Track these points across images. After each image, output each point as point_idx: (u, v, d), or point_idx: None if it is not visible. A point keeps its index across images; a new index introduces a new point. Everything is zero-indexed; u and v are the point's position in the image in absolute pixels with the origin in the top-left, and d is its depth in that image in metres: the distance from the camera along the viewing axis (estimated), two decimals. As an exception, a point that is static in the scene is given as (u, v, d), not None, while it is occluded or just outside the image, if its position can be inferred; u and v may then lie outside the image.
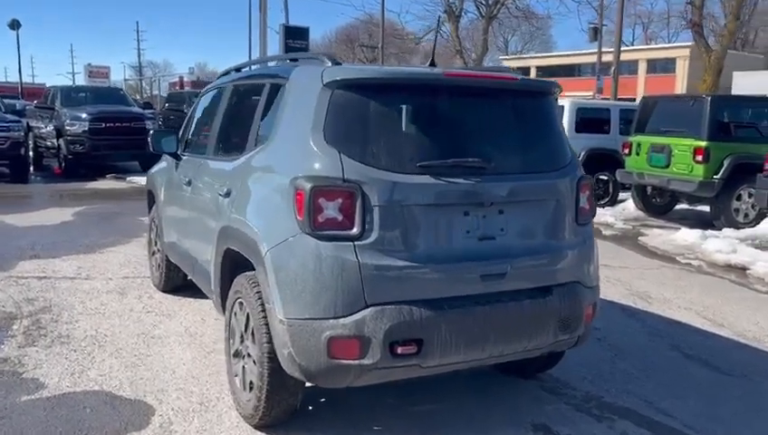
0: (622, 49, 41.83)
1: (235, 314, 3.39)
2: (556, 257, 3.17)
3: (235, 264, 3.43)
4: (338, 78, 2.91)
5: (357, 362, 2.77)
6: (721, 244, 7.77)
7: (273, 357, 2.97)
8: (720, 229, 9.02)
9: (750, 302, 5.94)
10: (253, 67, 4.25)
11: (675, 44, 44.03)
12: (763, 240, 8.52)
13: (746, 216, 9.36)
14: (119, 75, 64.91)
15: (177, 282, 5.38)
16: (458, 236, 2.94)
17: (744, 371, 4.21)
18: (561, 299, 3.14)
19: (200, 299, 5.23)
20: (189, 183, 4.25)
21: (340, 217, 2.78)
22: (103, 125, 13.60)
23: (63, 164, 13.98)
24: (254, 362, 3.17)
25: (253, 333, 3.14)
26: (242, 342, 3.34)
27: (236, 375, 3.40)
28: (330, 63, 3.09)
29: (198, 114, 4.83)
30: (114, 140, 13.62)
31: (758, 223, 9.22)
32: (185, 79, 48.59)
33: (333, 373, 2.81)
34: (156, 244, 5.51)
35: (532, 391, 3.80)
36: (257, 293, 3.08)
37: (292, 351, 2.82)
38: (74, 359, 4.06)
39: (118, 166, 14.80)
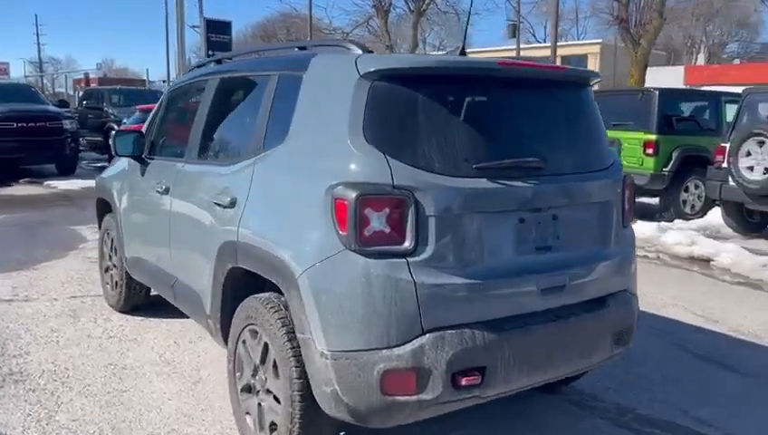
0: (536, 46, 43.04)
1: (245, 342, 2.92)
2: (609, 265, 2.89)
3: (241, 285, 2.96)
4: (378, 68, 2.50)
5: (415, 397, 2.38)
6: (680, 236, 7.84)
7: (306, 395, 2.54)
8: (669, 221, 9.17)
9: (729, 295, 5.95)
10: (244, 57, 3.74)
11: (586, 41, 45.66)
12: (712, 230, 8.71)
13: (693, 207, 9.58)
14: (18, 72, 60.53)
15: (137, 301, 4.79)
16: (516, 247, 2.61)
17: (756, 370, 4.11)
18: (617, 310, 2.87)
19: (167, 319, 4.67)
20: (167, 191, 3.70)
21: (390, 230, 2.39)
22: (15, 125, 12.38)
23: (-31, 169, 12.67)
24: (274, 399, 2.72)
25: (275, 367, 2.69)
26: (254, 375, 2.88)
27: (248, 413, 2.93)
28: (359, 51, 2.68)
29: (169, 112, 4.26)
30: (28, 142, 12.43)
31: (704, 214, 9.45)
32: (90, 76, 45.95)
33: (387, 412, 2.42)
34: (110, 258, 4.88)
35: (559, 406, 3.53)
36: (280, 320, 2.64)
37: (338, 388, 2.39)
38: (35, 401, 3.45)
39: (32, 169, 13.57)
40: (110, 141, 4.08)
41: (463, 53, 3.05)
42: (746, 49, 51.03)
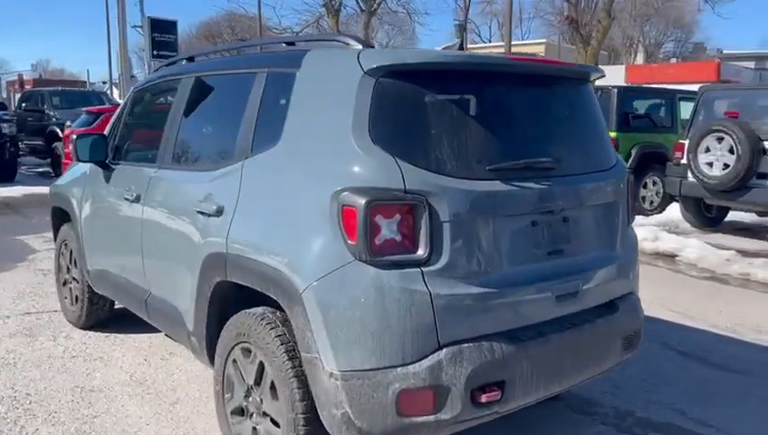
0: (483, 46, 43.47)
1: (235, 362, 2.70)
2: (617, 267, 2.81)
3: (229, 300, 2.75)
4: (383, 63, 2.32)
5: (433, 417, 2.22)
6: (644, 232, 7.92)
7: (311, 419, 2.34)
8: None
9: (699, 290, 6.02)
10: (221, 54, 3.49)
11: (532, 41, 46.42)
12: (672, 225, 8.86)
13: (652, 203, 9.74)
14: (-58, 73, 57.36)
15: (101, 316, 4.47)
16: (530, 252, 2.48)
17: (745, 367, 4.11)
18: (626, 314, 2.79)
19: (134, 334, 4.38)
20: (138, 199, 3.42)
21: (403, 238, 2.22)
22: (-53, 129, 11.66)
23: None
24: (272, 422, 2.52)
25: (273, 388, 2.48)
26: (247, 397, 2.67)
27: (241, 438, 2.71)
28: (359, 46, 2.50)
29: (136, 115, 3.97)
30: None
31: (663, 209, 9.63)
32: (25, 77, 44.01)
33: (403, 434, 2.24)
34: (69, 271, 4.54)
35: (561, 414, 3.42)
36: (279, 337, 2.44)
37: (349, 411, 2.21)
38: (-4, 433, 3.13)
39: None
40: (72, 146, 3.75)
41: (462, 49, 2.89)
42: (681, 48, 52.92)
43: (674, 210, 9.21)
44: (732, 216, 9.07)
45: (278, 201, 2.50)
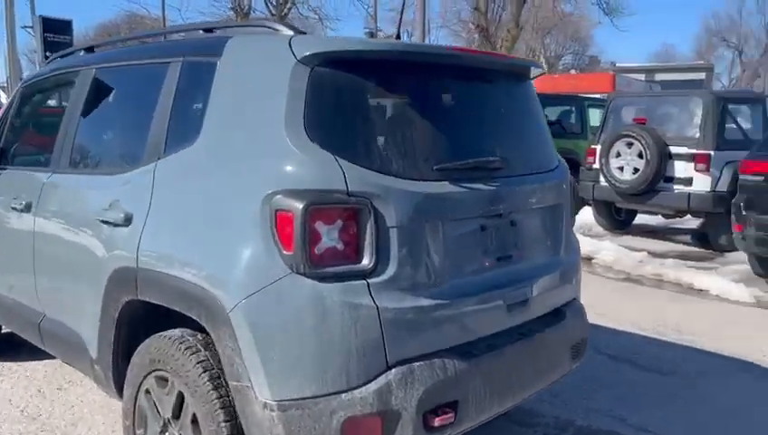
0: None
1: (148, 392, 2.36)
2: (563, 272, 2.68)
3: (139, 321, 2.40)
4: (319, 50, 2.07)
5: (382, 447, 1.98)
6: (560, 236, 8.03)
7: (241, 456, 2.05)
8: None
9: (618, 292, 6.12)
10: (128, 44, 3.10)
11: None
12: (585, 229, 9.06)
13: (564, 207, 9.94)
14: None
15: (-17, 343, 3.92)
16: (479, 259, 2.30)
17: (672, 368, 4.13)
18: (573, 322, 2.66)
19: (24, 362, 3.90)
20: (28, 208, 2.98)
21: (345, 247, 1.97)
22: None
23: None
24: (195, 461, 2.20)
25: (194, 422, 2.16)
26: (163, 432, 2.33)
27: (156, 480, 2.36)
28: (290, 32, 2.24)
29: (24, 114, 3.49)
30: None
31: (576, 213, 9.84)
32: None
33: None
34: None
35: (503, 427, 3.26)
36: (200, 363, 2.12)
37: None
38: None
39: None
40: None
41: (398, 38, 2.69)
42: (579, 61, 55.65)
43: (587, 214, 9.42)
44: (639, 219, 9.40)
45: (198, 207, 2.18)
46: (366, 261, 1.98)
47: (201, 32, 2.63)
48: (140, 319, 2.43)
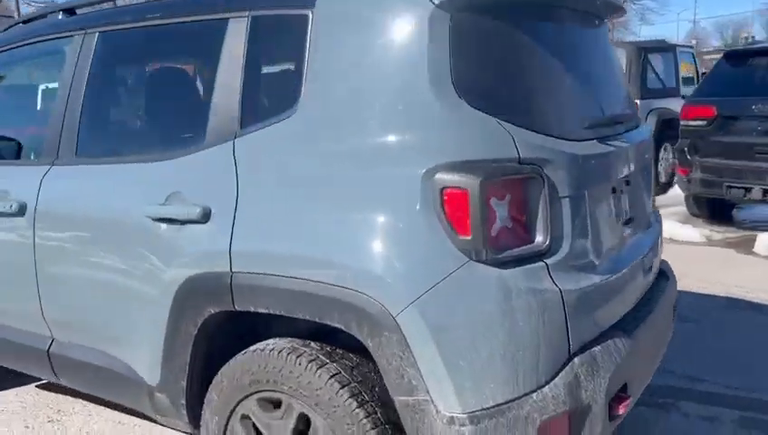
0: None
1: (246, 417, 1.97)
2: (660, 231, 2.54)
3: (222, 336, 2.00)
4: None
5: (574, 447, 1.74)
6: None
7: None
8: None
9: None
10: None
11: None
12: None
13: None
14: None
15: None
16: (617, 224, 2.09)
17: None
18: (674, 280, 2.54)
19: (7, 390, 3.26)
20: (21, 211, 2.37)
21: (519, 225, 1.69)
22: None
23: None
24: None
25: (332, 450, 1.80)
26: (274, 464, 1.95)
27: None
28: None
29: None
30: None
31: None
32: None
33: None
34: None
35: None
36: (334, 378, 1.77)
37: None
38: None
39: None
40: None
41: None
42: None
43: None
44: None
45: (318, 192, 1.78)
46: (540, 238, 1.71)
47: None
48: (224, 334, 2.01)
